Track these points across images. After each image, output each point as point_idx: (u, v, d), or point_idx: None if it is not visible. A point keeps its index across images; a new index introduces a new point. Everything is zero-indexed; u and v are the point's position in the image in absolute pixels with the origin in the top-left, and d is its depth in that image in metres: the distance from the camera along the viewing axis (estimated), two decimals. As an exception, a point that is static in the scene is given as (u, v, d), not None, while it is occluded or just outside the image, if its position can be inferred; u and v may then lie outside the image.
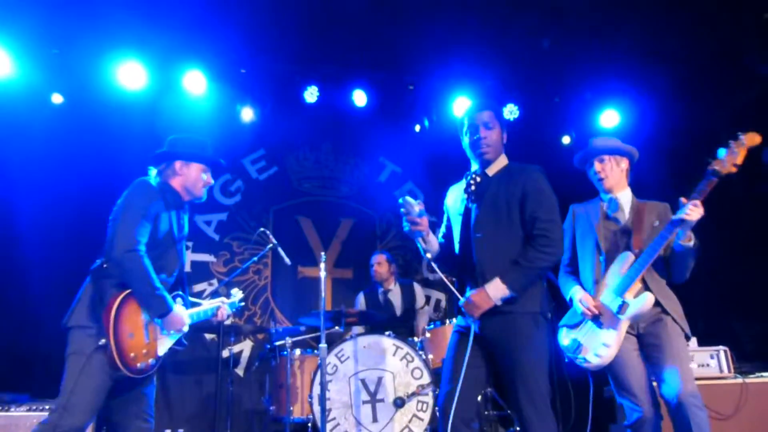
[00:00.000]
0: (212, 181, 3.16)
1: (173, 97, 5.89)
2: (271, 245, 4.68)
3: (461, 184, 2.92)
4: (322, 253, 4.37)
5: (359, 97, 6.11)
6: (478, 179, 2.81)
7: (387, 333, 4.56)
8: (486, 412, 4.95)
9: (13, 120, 5.31)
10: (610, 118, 6.46)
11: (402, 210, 2.72)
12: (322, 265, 4.21)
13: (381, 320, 4.99)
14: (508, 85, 6.26)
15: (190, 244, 6.07)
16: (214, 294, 5.83)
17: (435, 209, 3.86)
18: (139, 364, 2.67)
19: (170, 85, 5.78)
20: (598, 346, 3.01)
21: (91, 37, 5.34)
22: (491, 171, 2.86)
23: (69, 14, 5.09)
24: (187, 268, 5.98)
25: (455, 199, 2.95)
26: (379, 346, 4.49)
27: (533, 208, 2.68)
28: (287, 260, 4.68)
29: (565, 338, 3.22)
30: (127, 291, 2.67)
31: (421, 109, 6.30)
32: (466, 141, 2.92)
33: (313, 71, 6.04)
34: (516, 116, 6.34)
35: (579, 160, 3.41)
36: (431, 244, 2.82)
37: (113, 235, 2.70)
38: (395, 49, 5.76)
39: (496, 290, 2.58)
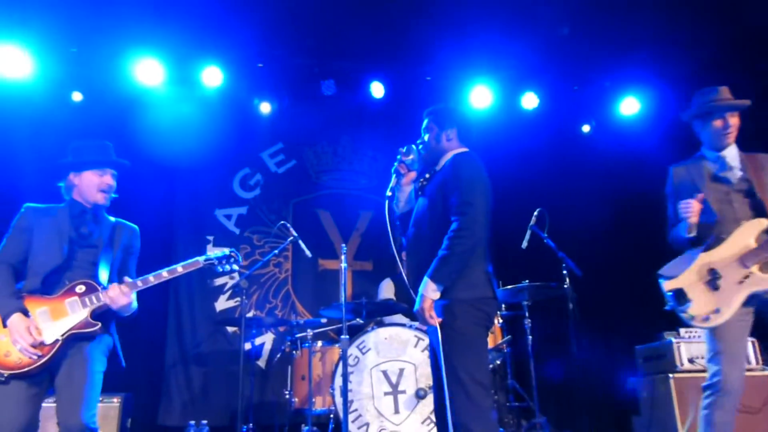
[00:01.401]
0: (111, 182, 3.09)
1: (191, 93, 5.94)
2: (291, 238, 4.70)
3: None
4: (343, 245, 4.37)
5: (377, 89, 6.09)
6: (428, 176, 2.98)
7: (408, 324, 4.56)
8: (507, 404, 4.94)
9: (35, 119, 5.38)
10: (630, 105, 6.39)
11: (402, 150, 3.00)
12: (343, 257, 4.22)
13: (404, 310, 4.97)
14: (526, 74, 6.21)
15: (211, 238, 6.12)
16: (235, 287, 5.93)
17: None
18: (15, 361, 2.72)
19: (188, 81, 5.82)
20: (709, 309, 2.92)
21: (108, 34, 5.38)
22: (439, 166, 2.97)
23: (86, 13, 5.13)
24: (208, 262, 6.01)
25: None
26: (401, 338, 4.49)
27: (451, 196, 2.72)
28: (308, 253, 4.70)
29: (669, 285, 3.09)
30: None
31: (438, 99, 6.25)
32: None
33: (330, 64, 6.03)
34: (535, 105, 6.29)
35: (703, 111, 3.13)
36: (403, 197, 3.05)
37: None
38: (412, 40, 5.72)
39: (428, 288, 2.64)
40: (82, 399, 2.72)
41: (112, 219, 3.17)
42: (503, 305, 5.17)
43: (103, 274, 2.97)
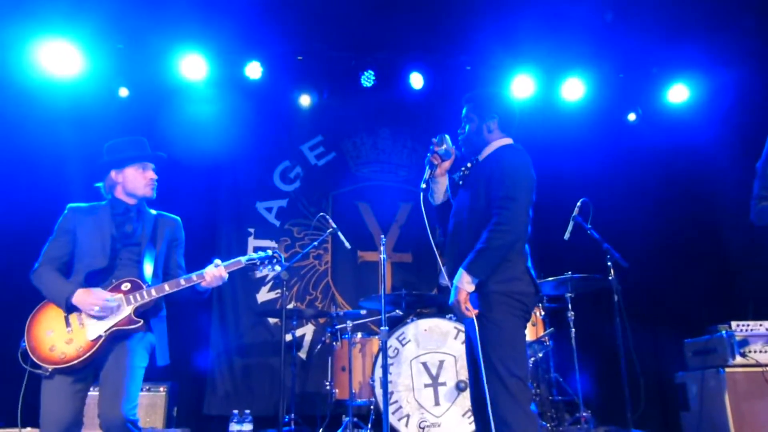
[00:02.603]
0: (154, 176, 3.12)
1: (232, 87, 6.02)
2: (330, 230, 4.72)
3: None
4: (382, 237, 4.37)
5: (416, 80, 6.05)
6: (470, 165, 2.94)
7: (448, 316, 4.53)
8: (550, 397, 4.86)
9: (83, 115, 5.52)
10: (678, 92, 6.19)
11: (434, 140, 2.96)
12: (382, 249, 4.21)
13: (444, 302, 4.94)
14: (569, 62, 6.07)
15: (252, 230, 6.20)
16: (276, 279, 6.00)
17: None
18: (59, 355, 2.77)
19: (229, 76, 5.89)
20: None
21: (153, 31, 5.49)
22: (482, 157, 2.93)
23: (132, 10, 5.24)
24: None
25: None
26: (441, 329, 4.47)
27: (494, 190, 2.68)
28: (347, 244, 4.71)
29: None
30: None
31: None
32: None
33: (370, 56, 6.02)
34: (579, 93, 6.16)
35: None
36: (439, 188, 3.01)
37: None
38: (451, 29, 5.66)
39: (462, 280, 2.62)
40: (123, 392, 2.76)
41: (154, 212, 3.20)
42: (545, 297, 5.09)
43: (148, 269, 3.01)
